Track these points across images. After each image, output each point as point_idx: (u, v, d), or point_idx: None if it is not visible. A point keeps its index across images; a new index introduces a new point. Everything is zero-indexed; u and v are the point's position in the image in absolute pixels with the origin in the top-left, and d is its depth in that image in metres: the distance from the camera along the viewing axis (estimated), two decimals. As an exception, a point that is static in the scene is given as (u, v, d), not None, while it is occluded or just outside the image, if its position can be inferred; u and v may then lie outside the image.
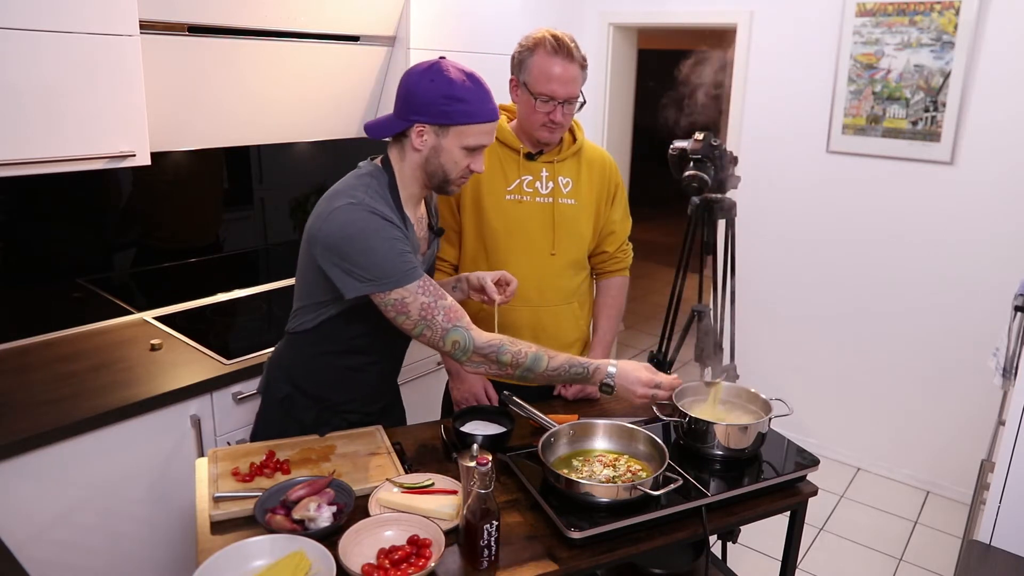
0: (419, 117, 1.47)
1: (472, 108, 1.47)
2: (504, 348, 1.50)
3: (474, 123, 1.48)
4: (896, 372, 3.37)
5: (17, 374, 2.00)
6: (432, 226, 1.72)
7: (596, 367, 1.58)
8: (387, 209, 1.49)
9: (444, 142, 1.50)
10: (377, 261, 1.43)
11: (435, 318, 1.47)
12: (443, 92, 1.45)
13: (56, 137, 1.83)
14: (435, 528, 1.34)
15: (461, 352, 1.49)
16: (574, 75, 1.78)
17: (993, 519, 1.63)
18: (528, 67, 1.79)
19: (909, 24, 3.05)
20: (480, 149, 1.54)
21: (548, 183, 1.91)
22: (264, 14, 2.31)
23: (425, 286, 1.47)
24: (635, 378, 1.59)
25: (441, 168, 1.52)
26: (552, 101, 1.77)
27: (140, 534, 1.98)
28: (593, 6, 3.97)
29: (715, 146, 2.30)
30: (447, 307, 1.48)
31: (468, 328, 1.49)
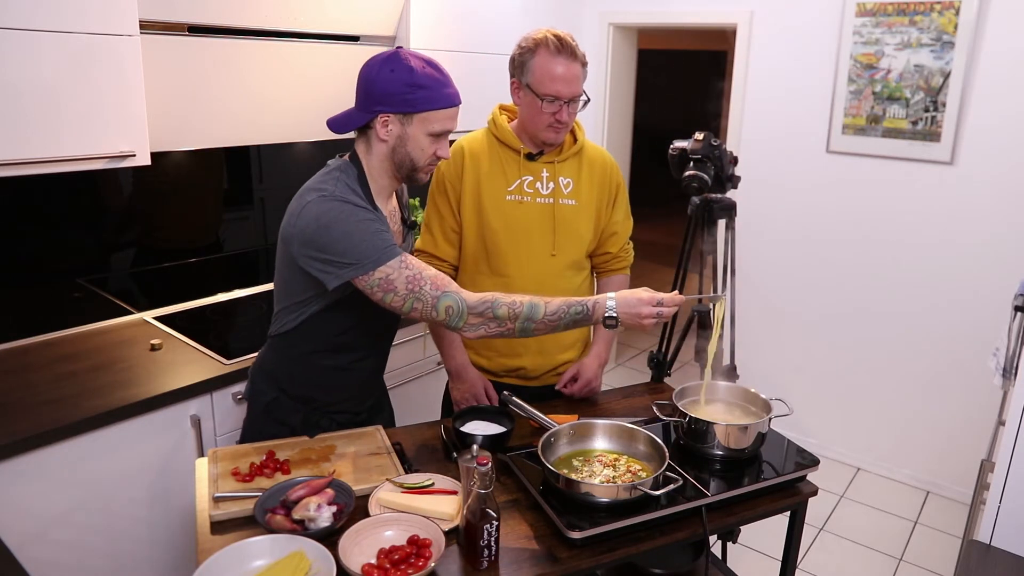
0: (382, 107, 1.49)
1: (434, 94, 1.49)
2: (498, 302, 1.48)
3: (437, 108, 1.50)
4: (896, 372, 3.37)
5: (17, 374, 2.00)
6: (405, 220, 1.73)
7: (595, 302, 1.54)
8: (351, 194, 1.50)
9: (409, 130, 1.51)
10: (355, 244, 1.43)
11: (423, 289, 1.46)
12: (404, 80, 1.47)
13: (56, 137, 1.83)
14: (435, 528, 1.34)
15: (456, 316, 1.48)
16: (577, 74, 1.78)
17: (993, 519, 1.63)
18: (531, 68, 1.78)
19: (909, 24, 3.05)
20: (445, 135, 1.55)
21: (549, 183, 1.90)
22: (264, 14, 2.31)
23: (407, 260, 1.47)
24: (636, 300, 1.54)
25: (408, 156, 1.54)
26: (557, 101, 1.77)
27: (140, 534, 1.97)
28: (593, 6, 3.97)
29: (715, 146, 2.30)
30: (432, 276, 1.48)
31: (458, 292, 1.48)
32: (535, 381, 2.02)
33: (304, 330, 1.62)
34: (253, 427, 1.75)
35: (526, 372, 2.00)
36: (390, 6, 2.67)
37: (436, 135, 1.53)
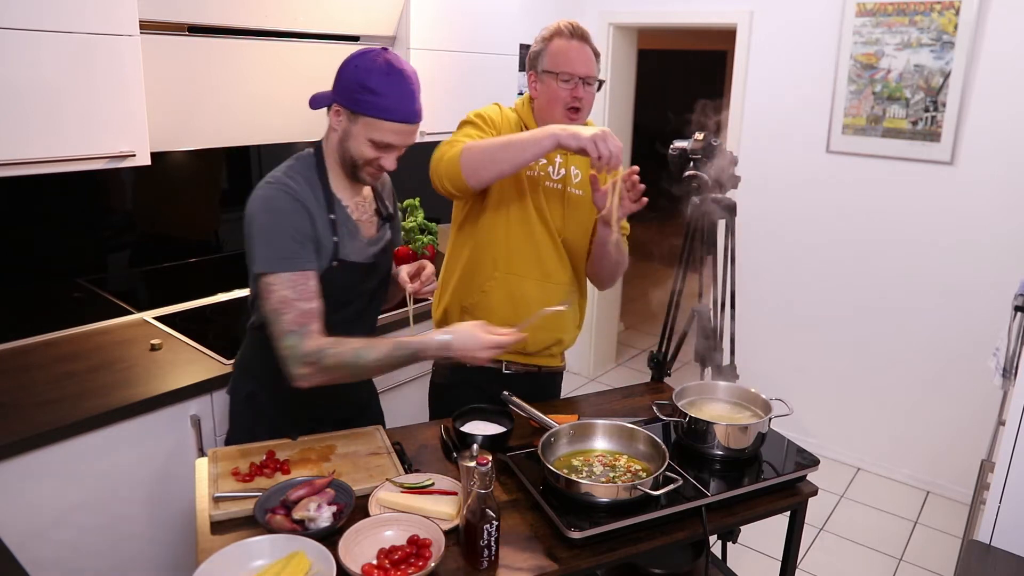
0: (337, 97, 1.50)
1: (384, 103, 1.46)
2: (325, 352, 1.44)
3: (382, 119, 1.47)
4: (896, 372, 3.37)
5: (17, 374, 2.00)
6: (380, 211, 1.71)
7: (423, 344, 1.51)
8: (305, 188, 1.51)
9: (354, 129, 1.50)
10: (265, 239, 1.46)
11: (284, 316, 1.44)
12: (359, 80, 1.47)
13: (56, 137, 1.83)
14: (435, 528, 1.34)
15: (291, 359, 1.45)
16: (590, 56, 1.83)
17: (993, 519, 1.63)
18: (546, 54, 1.84)
19: (909, 24, 3.05)
20: (390, 148, 1.52)
21: (560, 170, 1.91)
22: (264, 14, 2.31)
23: (296, 281, 1.46)
24: (475, 343, 1.51)
25: (349, 154, 1.53)
26: (573, 78, 1.81)
27: (140, 534, 1.97)
28: (593, 6, 3.97)
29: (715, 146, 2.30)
30: (303, 310, 1.45)
31: (305, 336, 1.44)
32: (531, 357, 2.01)
33: None
34: (235, 421, 1.76)
35: (524, 346, 1.93)
36: (390, 6, 2.67)
37: (378, 144, 1.51)
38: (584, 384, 4.37)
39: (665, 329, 2.49)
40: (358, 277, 1.64)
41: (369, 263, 1.65)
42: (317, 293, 1.50)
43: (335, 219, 1.56)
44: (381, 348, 1.49)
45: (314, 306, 1.48)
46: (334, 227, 1.56)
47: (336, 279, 1.57)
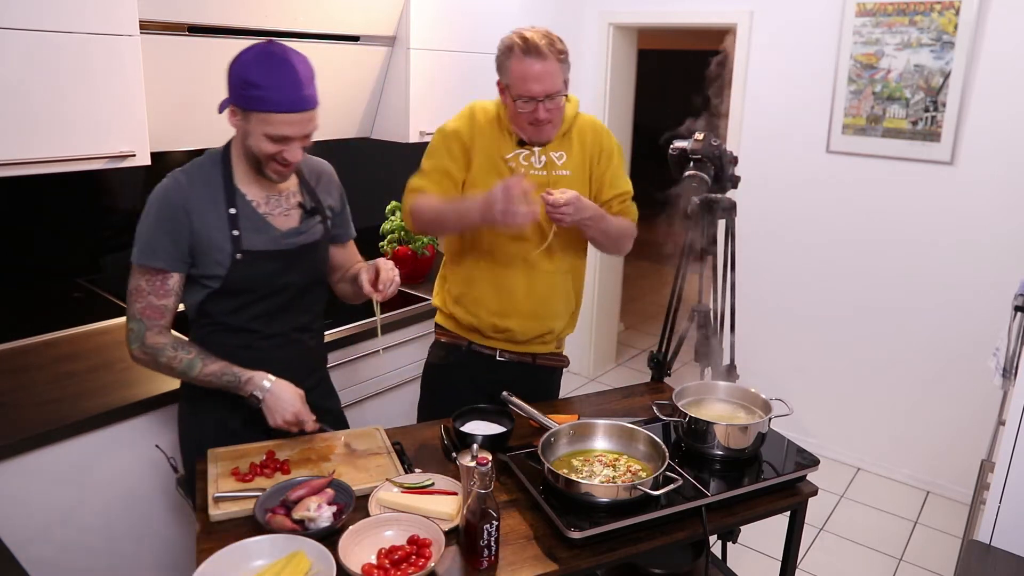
0: (230, 97, 1.51)
1: (267, 96, 1.45)
2: (163, 351, 1.57)
3: (270, 112, 1.47)
4: (896, 372, 3.36)
5: (17, 374, 2.00)
6: (304, 204, 1.70)
7: (250, 377, 1.59)
8: (198, 185, 1.56)
9: (249, 127, 1.51)
10: (141, 225, 1.55)
11: (135, 303, 1.57)
12: (241, 76, 1.47)
13: (56, 137, 1.83)
14: (435, 528, 1.35)
15: (133, 338, 1.58)
16: (550, 70, 1.76)
17: (993, 519, 1.63)
18: (507, 70, 1.80)
19: (909, 24, 3.05)
20: (288, 140, 1.51)
21: (541, 157, 1.90)
22: (264, 14, 2.31)
23: (152, 277, 1.55)
24: (290, 394, 1.61)
25: (251, 152, 1.54)
26: (533, 100, 1.77)
27: (140, 534, 1.97)
28: (593, 6, 3.97)
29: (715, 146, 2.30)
30: (154, 305, 1.57)
31: (150, 328, 1.57)
32: (522, 346, 2.01)
33: (204, 310, 1.64)
34: (181, 415, 1.78)
35: (513, 335, 1.98)
36: (390, 6, 2.67)
37: (274, 138, 1.50)
38: (584, 384, 4.37)
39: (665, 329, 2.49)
40: (272, 267, 1.63)
41: (282, 252, 1.64)
42: (174, 293, 1.59)
43: (236, 213, 1.58)
44: (212, 367, 1.58)
45: (165, 303, 1.57)
46: (234, 221, 1.58)
47: (244, 271, 1.60)
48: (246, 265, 1.59)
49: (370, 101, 2.85)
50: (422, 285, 2.89)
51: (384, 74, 2.83)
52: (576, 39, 4.01)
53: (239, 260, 1.58)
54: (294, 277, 1.68)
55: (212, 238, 1.56)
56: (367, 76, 2.78)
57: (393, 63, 2.80)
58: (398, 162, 3.22)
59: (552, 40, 1.79)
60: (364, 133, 2.93)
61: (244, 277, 1.60)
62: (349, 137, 2.88)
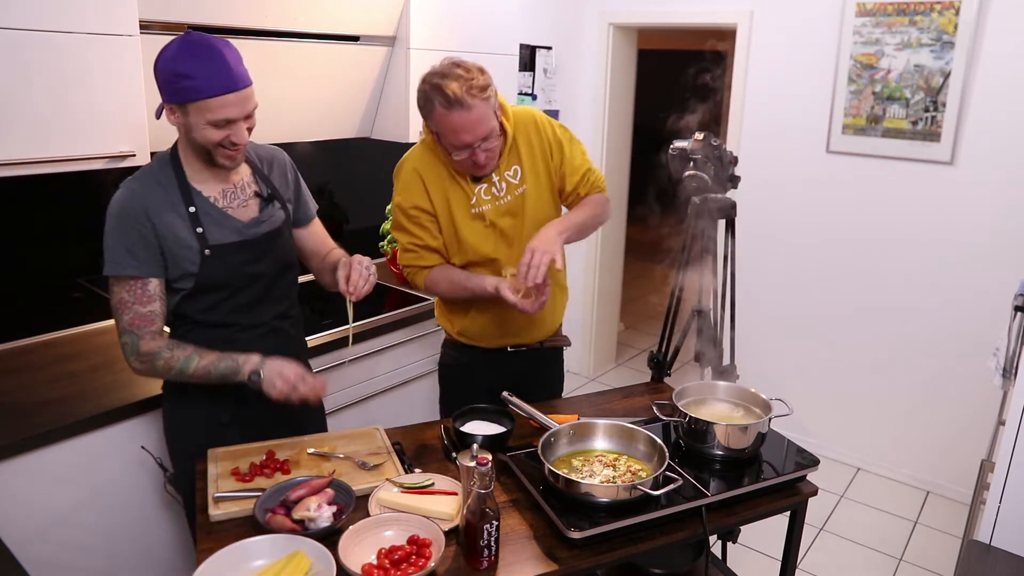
0: (163, 98, 1.51)
1: (200, 83, 1.45)
2: (159, 355, 1.57)
3: (207, 98, 1.46)
4: (896, 372, 3.36)
5: (17, 374, 2.00)
6: (260, 193, 1.71)
7: (247, 358, 1.59)
8: (153, 188, 1.55)
9: (190, 120, 1.50)
10: (106, 238, 1.54)
11: (123, 316, 1.56)
12: (169, 70, 1.47)
13: (56, 137, 1.83)
14: (435, 528, 1.35)
15: (127, 353, 1.58)
16: (478, 116, 1.68)
17: (993, 519, 1.63)
18: (432, 120, 1.74)
19: (909, 24, 3.05)
20: (232, 122, 1.51)
21: (501, 184, 1.89)
22: (264, 14, 2.31)
23: (132, 287, 1.54)
24: (283, 367, 1.59)
25: (199, 144, 1.54)
26: (468, 147, 1.73)
27: (140, 534, 1.97)
28: (593, 6, 3.97)
29: (715, 146, 2.30)
30: (140, 313, 1.56)
31: (141, 337, 1.56)
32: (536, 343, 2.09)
33: (179, 312, 1.65)
34: (166, 417, 1.78)
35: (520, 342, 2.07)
36: (390, 6, 2.67)
37: (217, 123, 1.50)
38: (584, 384, 4.37)
39: (665, 329, 2.49)
40: (241, 259, 1.64)
41: (249, 241, 1.65)
42: (157, 297, 1.58)
43: (195, 211, 1.59)
44: (209, 358, 1.59)
45: (151, 309, 1.57)
46: (195, 219, 1.59)
47: (215, 266, 1.60)
48: (216, 260, 1.60)
49: (370, 101, 2.85)
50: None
51: (384, 74, 2.83)
52: (576, 39, 4.01)
53: (208, 256, 1.59)
54: (264, 266, 1.69)
55: (178, 237, 1.57)
56: (367, 76, 2.78)
57: (393, 63, 2.80)
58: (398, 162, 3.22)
59: (471, 81, 1.67)
60: (364, 133, 2.93)
61: (216, 272, 1.61)
62: (349, 137, 2.88)
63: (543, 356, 2.13)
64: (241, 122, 1.54)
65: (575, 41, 4.00)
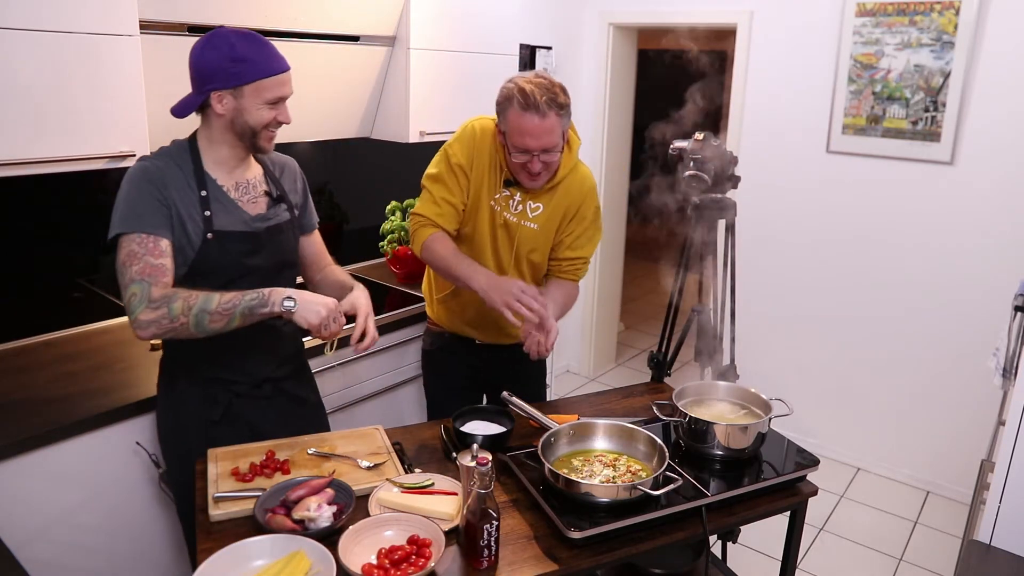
0: (213, 85, 1.55)
1: (259, 65, 1.55)
2: (177, 295, 1.50)
3: (264, 78, 1.56)
4: (896, 372, 3.36)
5: (17, 374, 2.00)
6: (271, 193, 1.74)
7: (272, 289, 1.56)
8: (170, 165, 1.59)
9: (243, 102, 1.57)
10: (119, 202, 1.54)
11: (131, 267, 1.50)
12: (226, 56, 1.54)
13: (56, 137, 1.83)
14: (435, 528, 1.35)
15: (137, 302, 1.49)
16: (549, 127, 1.75)
17: (993, 519, 1.63)
18: (505, 119, 1.81)
19: (909, 24, 3.05)
20: (281, 101, 1.61)
21: (519, 205, 1.95)
22: (264, 14, 2.31)
23: (144, 240, 1.52)
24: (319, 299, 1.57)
25: (247, 126, 1.60)
26: (528, 152, 1.78)
27: (140, 534, 1.97)
28: (593, 6, 3.97)
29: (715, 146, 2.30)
30: (152, 264, 1.51)
31: (153, 284, 1.50)
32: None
33: None
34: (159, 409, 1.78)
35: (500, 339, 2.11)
36: (390, 6, 2.67)
37: (272, 102, 1.59)
38: (584, 384, 4.37)
39: (665, 329, 2.49)
40: (241, 248, 1.65)
41: (251, 233, 1.67)
42: (168, 255, 1.55)
43: (207, 195, 1.62)
44: (229, 295, 1.54)
45: (163, 263, 1.53)
46: (206, 202, 1.61)
47: (214, 251, 1.62)
48: (216, 245, 1.61)
49: (370, 101, 2.85)
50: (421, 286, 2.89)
51: (384, 74, 2.83)
52: (576, 39, 4.01)
53: (209, 240, 1.60)
54: (261, 260, 1.70)
55: (188, 214, 1.59)
56: (367, 76, 2.78)
57: (393, 63, 2.80)
58: (398, 162, 3.22)
59: (555, 94, 1.75)
60: (364, 133, 2.93)
61: (213, 257, 1.62)
62: (349, 137, 2.88)
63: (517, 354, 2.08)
64: (285, 102, 1.62)
65: (575, 41, 4.00)
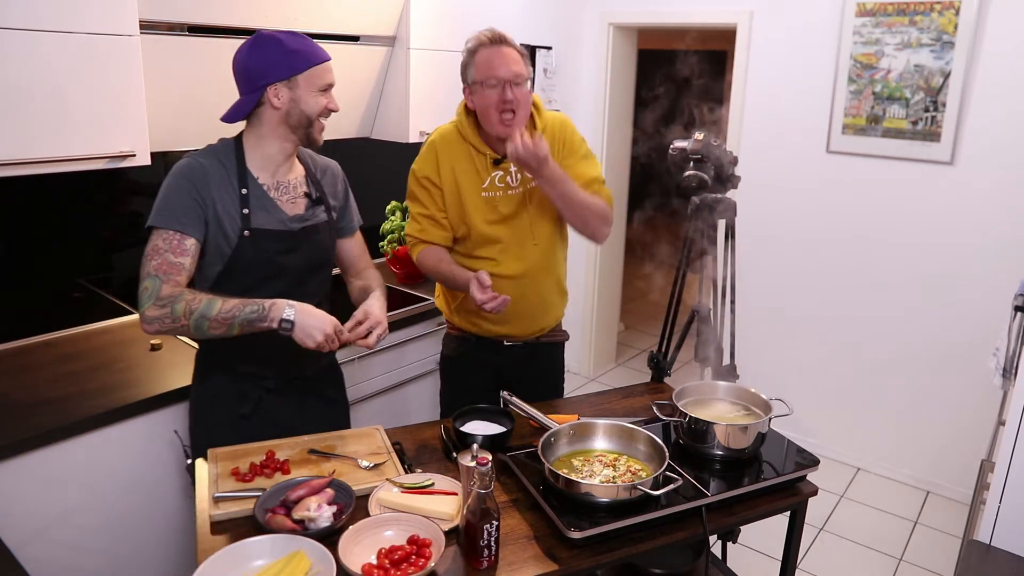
0: (267, 80, 1.62)
1: (308, 54, 1.64)
2: (181, 297, 1.55)
3: (315, 64, 1.65)
4: (896, 372, 3.36)
5: (17, 374, 2.00)
6: (310, 195, 1.78)
7: (273, 303, 1.59)
8: (215, 163, 1.65)
9: (299, 92, 1.64)
10: (159, 195, 1.61)
11: (151, 261, 1.57)
12: (278, 51, 1.62)
13: (56, 137, 1.83)
14: (435, 528, 1.35)
15: (147, 297, 1.55)
16: (513, 56, 1.88)
17: (993, 519, 1.63)
18: (472, 65, 1.89)
19: (909, 24, 3.05)
20: (329, 88, 1.69)
21: (517, 175, 1.98)
22: (264, 14, 2.31)
23: (170, 237, 1.58)
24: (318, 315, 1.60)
25: (303, 115, 1.66)
26: (500, 83, 1.85)
27: (140, 534, 1.97)
28: (593, 6, 3.97)
29: (715, 146, 2.30)
30: (171, 262, 1.58)
31: (165, 281, 1.56)
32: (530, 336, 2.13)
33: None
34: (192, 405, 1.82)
35: (514, 336, 2.11)
36: (390, 6, 2.67)
37: (324, 88, 1.67)
38: (584, 384, 4.37)
39: (665, 329, 2.49)
40: (276, 247, 1.69)
41: (287, 232, 1.70)
42: (191, 254, 1.60)
43: (247, 193, 1.66)
44: (232, 302, 1.57)
45: (182, 262, 1.59)
46: (245, 200, 1.66)
47: (250, 249, 1.65)
48: (252, 243, 1.65)
49: (370, 101, 2.86)
50: (422, 285, 2.89)
51: (384, 74, 2.83)
52: (576, 39, 4.01)
53: (246, 237, 1.65)
54: (298, 259, 1.73)
55: (226, 211, 1.64)
56: (367, 76, 2.78)
57: (393, 63, 2.80)
58: (398, 162, 3.22)
59: (512, 39, 1.91)
60: (364, 133, 2.93)
61: (248, 255, 1.66)
62: (349, 137, 2.88)
63: (540, 351, 2.15)
64: (332, 91, 1.70)
65: (575, 41, 4.00)
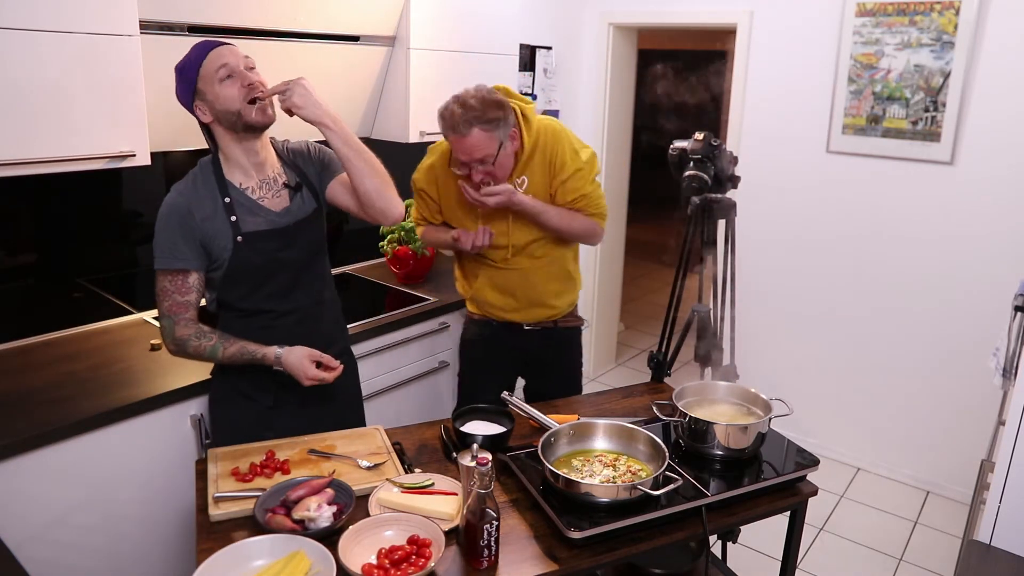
0: (187, 105, 1.69)
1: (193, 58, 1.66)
2: (189, 343, 1.71)
3: (201, 64, 1.65)
4: (896, 372, 3.36)
5: (17, 374, 2.00)
6: (289, 183, 1.80)
7: (264, 353, 1.72)
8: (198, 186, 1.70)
9: (208, 97, 1.66)
10: (156, 241, 1.68)
11: (163, 302, 1.71)
12: (177, 76, 1.69)
13: (56, 137, 1.83)
14: (435, 528, 1.35)
15: (165, 335, 1.73)
16: (474, 143, 1.87)
17: (993, 519, 1.63)
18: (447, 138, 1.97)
19: (909, 24, 3.05)
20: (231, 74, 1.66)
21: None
22: (264, 14, 2.31)
23: (173, 277, 1.69)
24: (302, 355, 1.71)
25: (227, 112, 1.66)
26: (465, 165, 1.92)
27: (140, 534, 1.97)
28: (593, 6, 3.97)
29: (715, 146, 2.30)
30: (178, 302, 1.70)
31: (177, 322, 1.71)
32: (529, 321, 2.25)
33: (221, 299, 1.77)
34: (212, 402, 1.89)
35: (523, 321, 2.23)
36: (390, 6, 2.67)
37: (224, 78, 1.65)
38: (584, 384, 4.36)
39: (665, 329, 2.49)
40: (271, 246, 1.73)
41: (279, 230, 1.74)
42: (195, 289, 1.72)
43: (230, 201, 1.71)
44: (232, 349, 1.72)
45: (187, 299, 1.71)
46: (231, 208, 1.70)
47: (246, 252, 1.70)
48: (247, 246, 1.70)
49: (370, 101, 2.85)
50: (422, 285, 2.89)
51: (384, 74, 2.83)
52: (576, 39, 4.01)
53: (240, 243, 1.69)
54: (294, 252, 1.77)
55: (216, 228, 1.69)
56: (367, 76, 2.78)
57: (393, 63, 2.80)
58: (398, 162, 3.22)
59: (480, 111, 1.84)
60: (364, 133, 2.93)
61: (246, 258, 1.70)
62: (351, 137, 2.87)
63: (559, 336, 2.26)
64: (243, 68, 1.67)
65: (575, 41, 4.00)
